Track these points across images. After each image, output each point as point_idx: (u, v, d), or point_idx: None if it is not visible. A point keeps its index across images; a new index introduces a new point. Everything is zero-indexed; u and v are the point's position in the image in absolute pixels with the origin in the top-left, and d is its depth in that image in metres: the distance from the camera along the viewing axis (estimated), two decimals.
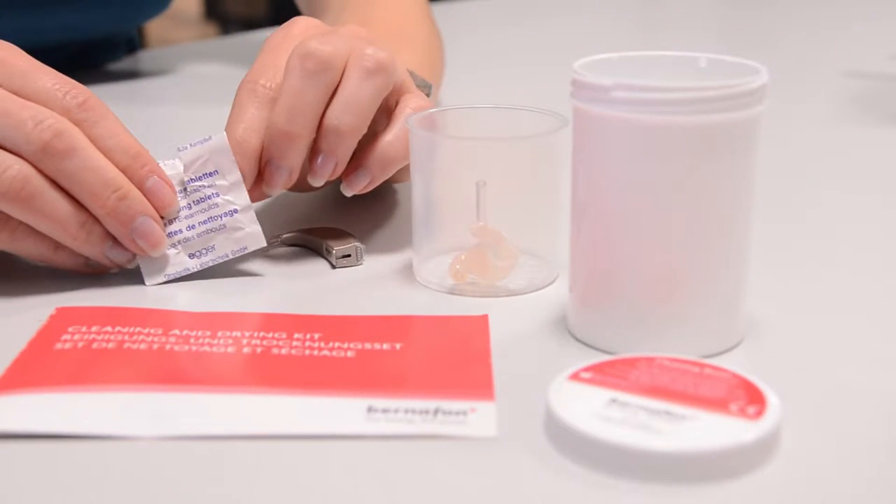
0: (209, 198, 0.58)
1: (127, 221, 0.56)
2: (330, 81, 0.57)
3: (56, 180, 0.54)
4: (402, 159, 0.59)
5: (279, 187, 0.58)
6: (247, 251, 0.59)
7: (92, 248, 0.56)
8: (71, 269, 0.57)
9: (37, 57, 0.57)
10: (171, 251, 0.58)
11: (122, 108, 0.57)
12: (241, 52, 1.15)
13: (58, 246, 0.56)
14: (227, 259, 0.58)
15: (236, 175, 0.58)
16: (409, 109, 0.59)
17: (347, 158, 0.59)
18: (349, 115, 0.57)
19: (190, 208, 0.58)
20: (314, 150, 0.58)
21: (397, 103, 0.61)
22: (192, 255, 0.58)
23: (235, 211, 0.58)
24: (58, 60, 0.58)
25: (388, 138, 0.59)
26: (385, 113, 0.60)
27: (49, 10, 0.96)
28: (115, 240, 0.56)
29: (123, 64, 1.13)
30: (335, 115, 0.57)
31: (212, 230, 0.58)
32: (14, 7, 0.93)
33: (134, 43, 1.18)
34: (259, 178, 0.59)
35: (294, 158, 0.58)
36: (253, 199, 0.59)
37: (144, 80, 1.08)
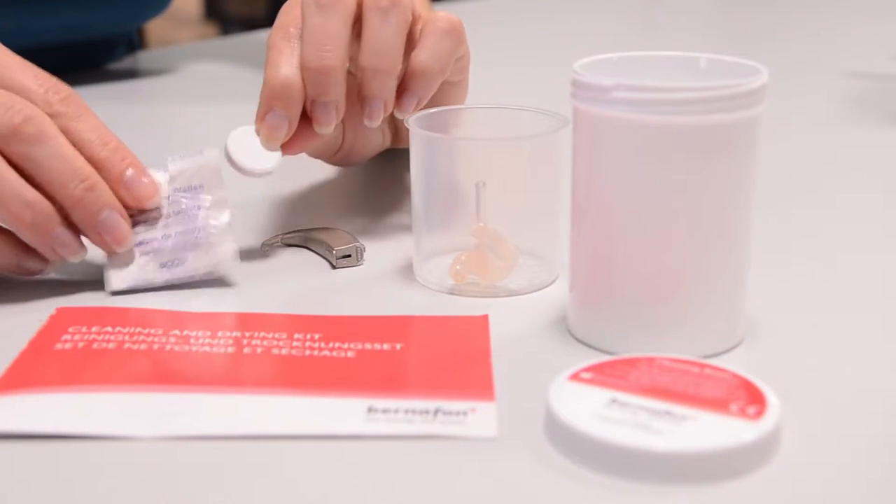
0: (189, 210, 0.57)
1: (94, 213, 0.55)
2: (347, 11, 0.58)
3: (23, 167, 0.54)
4: (439, 73, 0.60)
5: (331, 123, 0.58)
6: (217, 272, 0.57)
7: (40, 237, 0.54)
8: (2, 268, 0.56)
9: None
10: (142, 259, 0.56)
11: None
12: (241, 52, 1.15)
13: None
14: (194, 278, 0.56)
15: (221, 193, 0.58)
16: (440, 22, 0.60)
17: (394, 94, 0.60)
18: (379, 57, 0.58)
19: (168, 217, 0.57)
20: (361, 97, 0.59)
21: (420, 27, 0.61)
22: (162, 265, 0.56)
23: (214, 228, 0.57)
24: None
25: (422, 57, 0.60)
26: (411, 40, 0.61)
27: (49, 10, 0.96)
28: (68, 228, 0.55)
29: (123, 64, 1.13)
30: (367, 61, 0.58)
31: (186, 242, 0.57)
32: (14, 6, 0.93)
33: (134, 43, 1.18)
34: (307, 122, 0.59)
35: (335, 91, 0.58)
36: (303, 145, 0.59)
37: (144, 80, 1.08)
